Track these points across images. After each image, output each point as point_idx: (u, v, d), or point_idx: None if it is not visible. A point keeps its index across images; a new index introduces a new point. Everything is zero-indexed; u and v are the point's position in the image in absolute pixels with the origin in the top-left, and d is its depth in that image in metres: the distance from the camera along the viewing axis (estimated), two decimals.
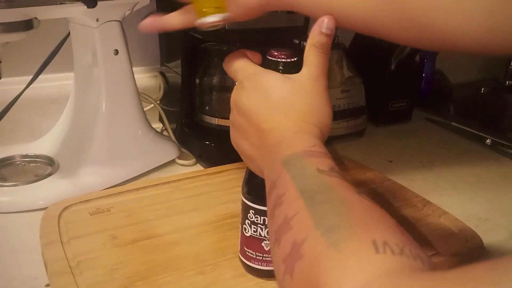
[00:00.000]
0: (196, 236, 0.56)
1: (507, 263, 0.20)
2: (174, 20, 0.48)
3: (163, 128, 0.87)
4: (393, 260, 0.24)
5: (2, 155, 0.71)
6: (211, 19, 0.44)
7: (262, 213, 0.46)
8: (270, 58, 0.44)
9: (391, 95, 0.97)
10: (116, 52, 0.67)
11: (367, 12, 0.39)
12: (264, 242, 0.48)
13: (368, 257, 0.25)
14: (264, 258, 0.49)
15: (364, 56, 0.90)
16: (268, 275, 0.49)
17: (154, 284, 0.47)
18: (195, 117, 0.80)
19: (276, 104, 0.41)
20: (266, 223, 0.46)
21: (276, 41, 0.69)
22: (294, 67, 0.44)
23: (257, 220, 0.47)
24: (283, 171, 0.34)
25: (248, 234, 0.49)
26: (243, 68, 0.44)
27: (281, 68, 0.43)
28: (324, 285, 0.25)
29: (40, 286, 0.49)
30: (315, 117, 0.40)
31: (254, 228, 0.48)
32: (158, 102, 0.88)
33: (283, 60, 0.43)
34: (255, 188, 0.46)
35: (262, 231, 0.47)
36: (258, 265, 0.49)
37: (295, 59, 0.44)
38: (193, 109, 0.80)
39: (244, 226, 0.49)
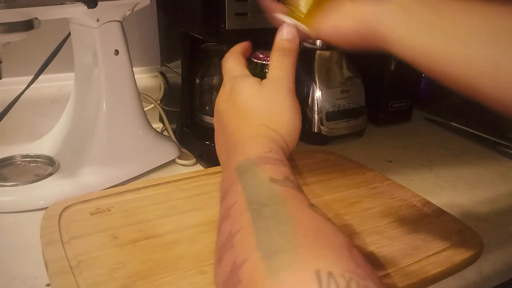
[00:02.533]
0: (196, 235, 0.56)
1: None
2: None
3: (163, 128, 0.87)
4: None
5: (3, 155, 0.71)
6: (288, 20, 0.42)
7: None
8: (255, 60, 0.44)
9: (391, 95, 0.97)
10: (117, 52, 0.67)
11: (470, 73, 0.34)
12: None
13: None
14: None
15: (364, 56, 0.90)
16: None
17: (154, 284, 0.48)
18: (195, 117, 0.81)
19: (240, 106, 0.40)
20: None
21: None
22: None
23: None
24: (236, 179, 0.33)
25: None
26: (230, 69, 0.44)
27: (266, 70, 0.43)
28: None
29: (41, 286, 0.49)
30: (274, 122, 0.39)
31: None
32: (158, 102, 0.88)
33: (268, 62, 0.43)
34: None
35: None
36: None
37: None
38: (193, 109, 0.80)
39: None
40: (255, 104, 0.40)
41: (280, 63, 0.41)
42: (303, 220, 0.28)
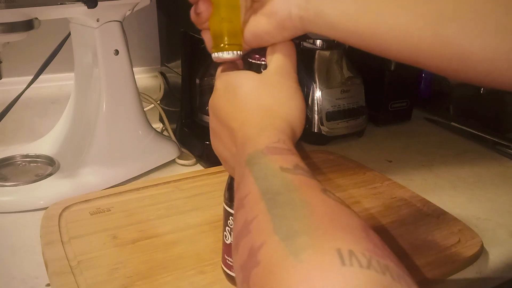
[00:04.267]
0: (196, 235, 0.56)
1: None
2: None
3: (163, 128, 0.87)
4: (361, 274, 0.22)
5: (3, 155, 0.71)
6: (227, 55, 0.42)
7: None
8: (251, 60, 0.44)
9: (391, 95, 0.97)
10: (117, 52, 0.67)
11: (408, 42, 0.36)
12: None
13: (334, 271, 0.22)
14: None
15: (364, 56, 0.89)
16: None
17: (154, 284, 0.48)
18: (195, 117, 0.81)
19: (243, 100, 0.40)
20: None
21: None
22: None
23: None
24: (247, 172, 0.33)
25: (228, 242, 0.48)
26: (219, 72, 0.45)
27: (263, 70, 0.42)
28: None
29: (41, 286, 0.49)
30: (282, 110, 0.39)
31: None
32: (158, 102, 0.88)
33: (264, 62, 0.43)
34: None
35: None
36: None
37: None
38: (193, 109, 0.80)
39: (225, 233, 0.48)
40: (261, 95, 0.40)
41: (284, 53, 0.42)
42: (318, 205, 0.28)
